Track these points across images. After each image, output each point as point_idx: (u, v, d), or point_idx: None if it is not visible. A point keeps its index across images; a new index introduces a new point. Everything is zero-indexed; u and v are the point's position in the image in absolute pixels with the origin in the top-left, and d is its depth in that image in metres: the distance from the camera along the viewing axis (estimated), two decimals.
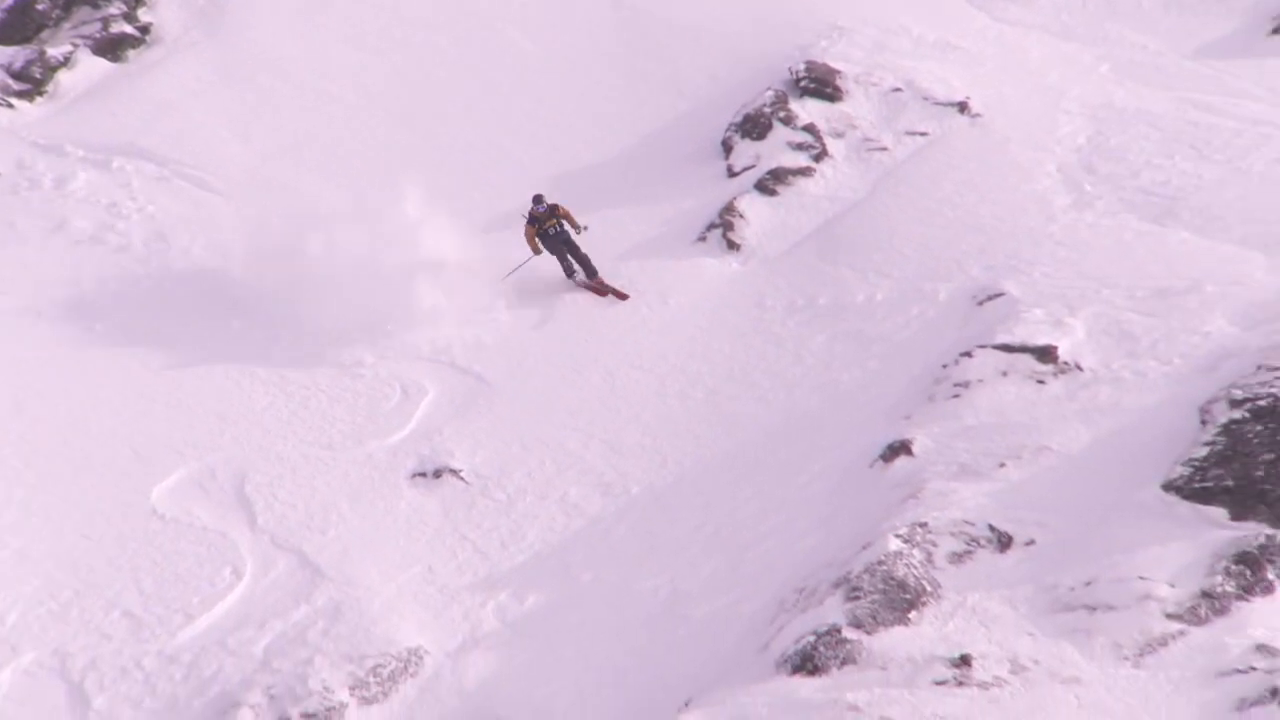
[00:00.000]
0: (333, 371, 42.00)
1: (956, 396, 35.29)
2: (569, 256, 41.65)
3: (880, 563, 28.46)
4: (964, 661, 25.70)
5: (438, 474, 37.19)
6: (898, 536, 29.28)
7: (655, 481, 36.17)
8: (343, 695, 29.97)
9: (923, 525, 29.73)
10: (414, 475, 37.45)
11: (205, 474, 37.52)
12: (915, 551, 28.91)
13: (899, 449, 33.65)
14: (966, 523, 29.70)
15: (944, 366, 36.85)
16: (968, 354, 36.78)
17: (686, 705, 26.74)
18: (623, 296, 40.11)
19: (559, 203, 41.72)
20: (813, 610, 28.13)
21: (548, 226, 40.95)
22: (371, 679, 30.39)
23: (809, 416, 37.48)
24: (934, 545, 29.18)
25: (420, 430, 39.45)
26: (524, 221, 41.86)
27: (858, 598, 27.76)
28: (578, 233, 41.74)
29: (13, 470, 36.42)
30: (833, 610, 27.68)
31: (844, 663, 26.37)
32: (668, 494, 35.53)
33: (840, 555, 29.83)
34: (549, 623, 31.63)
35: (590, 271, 41.10)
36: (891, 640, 26.72)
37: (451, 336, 43.37)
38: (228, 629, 31.98)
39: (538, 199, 40.60)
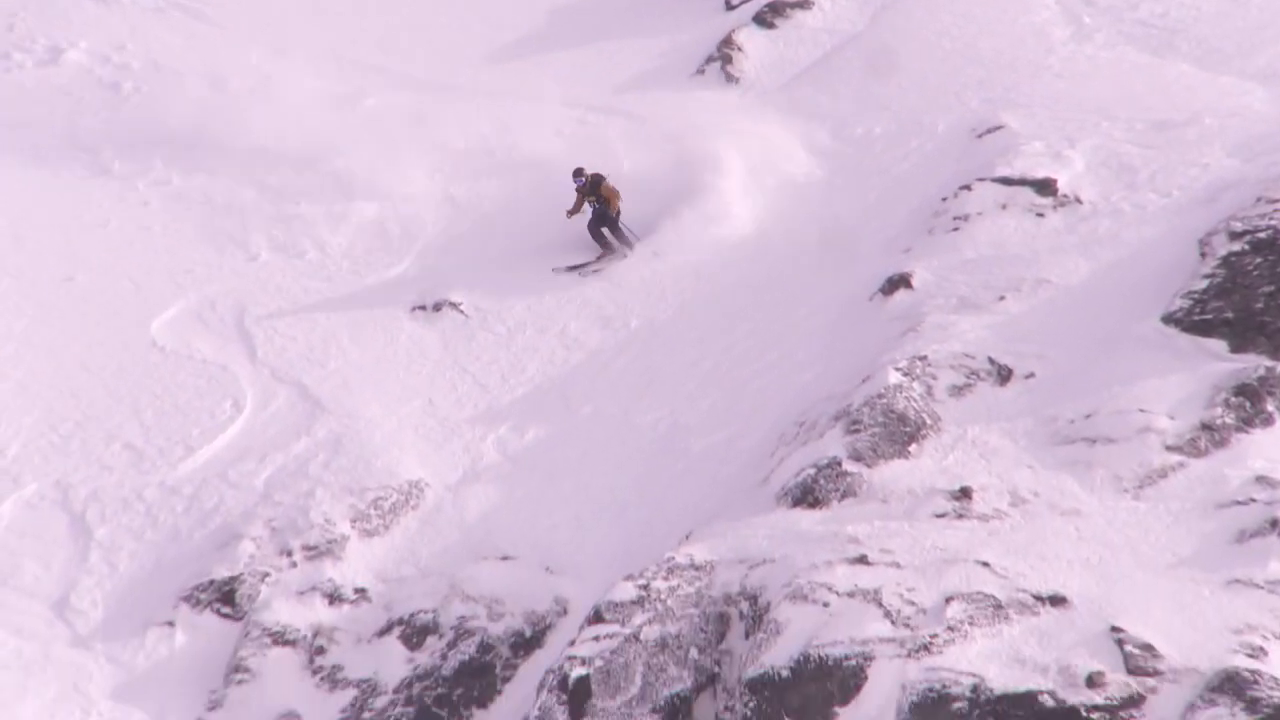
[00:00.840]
0: (330, 205, 41.75)
1: (956, 230, 35.20)
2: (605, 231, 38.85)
3: (880, 396, 28.54)
4: (964, 494, 25.82)
5: (437, 307, 37.17)
6: (897, 370, 29.35)
7: (655, 315, 36.19)
8: (344, 528, 30.08)
9: (922, 358, 29.79)
10: (414, 308, 37.44)
11: (205, 306, 37.51)
12: (915, 384, 28.97)
13: (898, 282, 33.65)
14: (966, 356, 29.73)
15: (943, 200, 36.75)
16: (966, 187, 36.67)
17: (687, 537, 26.81)
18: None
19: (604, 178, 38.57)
20: (813, 443, 28.24)
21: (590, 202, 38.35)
22: (372, 512, 30.49)
23: (807, 250, 37.31)
24: (934, 378, 29.25)
25: (419, 264, 39.34)
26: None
27: (858, 431, 27.85)
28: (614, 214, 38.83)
29: (13, 303, 36.36)
30: (833, 443, 27.77)
31: (844, 495, 26.56)
32: (667, 328, 35.55)
33: (840, 389, 29.92)
34: (549, 456, 31.72)
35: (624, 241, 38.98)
36: (892, 473, 26.86)
37: (449, 170, 43.24)
38: (228, 462, 32.06)
39: (577, 173, 38.26)
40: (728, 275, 37.25)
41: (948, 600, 22.55)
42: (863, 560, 23.68)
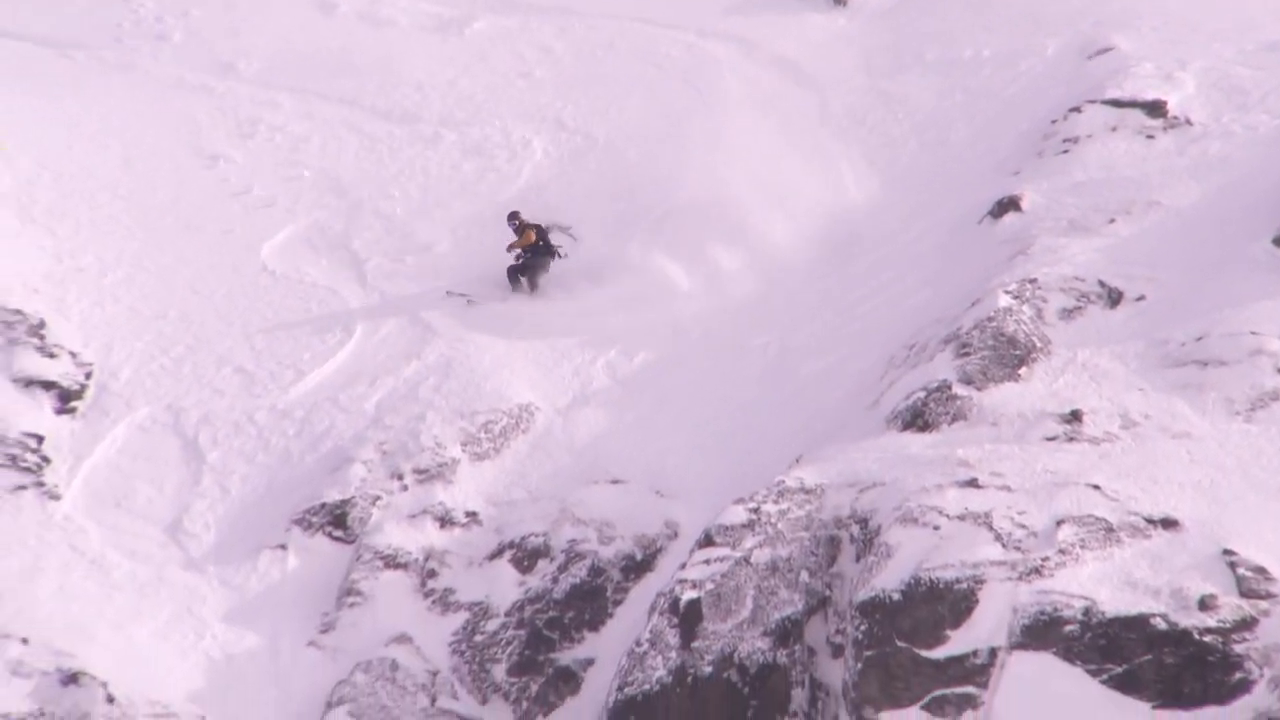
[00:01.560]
0: (435, 128, 41.75)
1: (1065, 152, 34.91)
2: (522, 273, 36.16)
3: (990, 319, 28.39)
4: (1075, 417, 25.69)
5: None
6: (1007, 292, 29.17)
7: (766, 238, 35.86)
8: (454, 451, 30.18)
9: (1032, 281, 29.60)
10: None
11: (314, 231, 37.58)
12: (1025, 307, 28.80)
13: (1008, 205, 33.42)
14: (1076, 279, 29.54)
15: (1053, 122, 36.46)
16: (1076, 109, 36.36)
17: (797, 461, 26.79)
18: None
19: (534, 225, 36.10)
20: (922, 367, 28.19)
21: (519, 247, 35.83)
22: (483, 435, 30.59)
23: (917, 174, 37.05)
24: (1044, 301, 29.06)
25: (528, 186, 39.29)
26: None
27: (967, 354, 27.74)
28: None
29: (123, 227, 36.59)
30: (943, 366, 27.68)
31: (954, 419, 26.48)
32: (777, 251, 35.27)
33: (949, 312, 29.81)
34: (659, 380, 31.74)
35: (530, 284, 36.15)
36: (1002, 396, 26.76)
37: (557, 94, 43.29)
38: (339, 385, 32.25)
39: (511, 216, 36.02)
40: (837, 200, 36.98)
41: (1059, 523, 22.54)
42: (973, 483, 23.69)
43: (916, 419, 26.74)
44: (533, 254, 35.16)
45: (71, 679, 24.25)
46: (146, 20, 47.28)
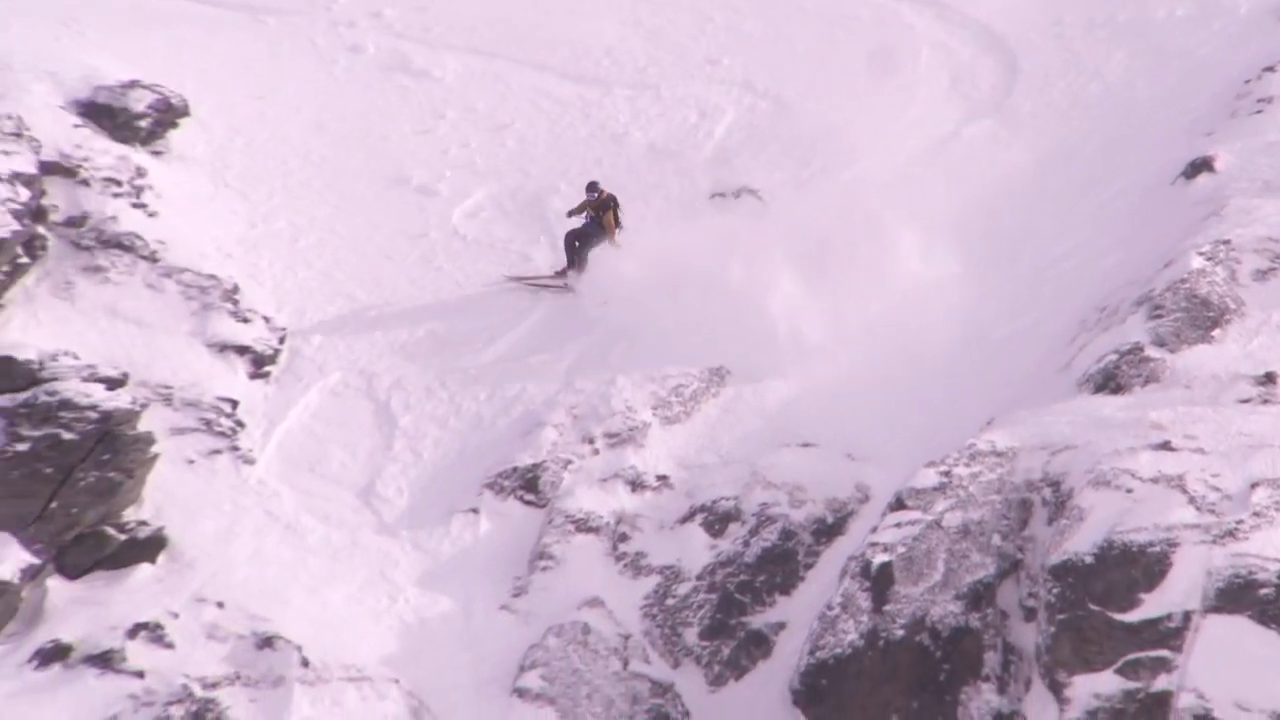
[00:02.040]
0: (628, 91, 41.62)
1: (1259, 112, 34.39)
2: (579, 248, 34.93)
3: (1183, 281, 28.02)
4: (1269, 379, 25.38)
5: (737, 194, 36.77)
6: (1200, 254, 28.80)
7: (953, 200, 35.38)
8: (645, 414, 30.20)
9: (1226, 242, 29.17)
10: (712, 195, 37.09)
11: (506, 195, 37.58)
12: (1218, 269, 28.43)
13: (1201, 166, 32.99)
14: (1271, 239, 29.12)
15: (1246, 82, 35.86)
16: (1270, 68, 35.87)
17: (989, 424, 26.64)
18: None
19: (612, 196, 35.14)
20: (1114, 329, 27.90)
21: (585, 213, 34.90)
22: (673, 398, 30.57)
23: (1108, 135, 36.50)
24: (1237, 262, 28.64)
25: (718, 151, 39.06)
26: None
27: (1160, 316, 27.41)
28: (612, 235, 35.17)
29: (316, 191, 36.81)
30: (1135, 328, 27.39)
31: (1147, 381, 26.21)
32: (968, 212, 34.76)
33: (1141, 274, 29.43)
34: (850, 343, 31.30)
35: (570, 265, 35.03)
36: (1195, 358, 26.46)
37: (744, 57, 42.94)
38: (530, 349, 32.40)
39: (591, 186, 34.96)
40: (1026, 157, 36.45)
41: (1253, 486, 22.28)
42: (1166, 446, 23.36)
43: (1109, 381, 26.50)
44: (595, 224, 34.41)
45: (266, 643, 24.52)
46: None
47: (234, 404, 30.03)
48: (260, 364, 31.17)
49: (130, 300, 30.79)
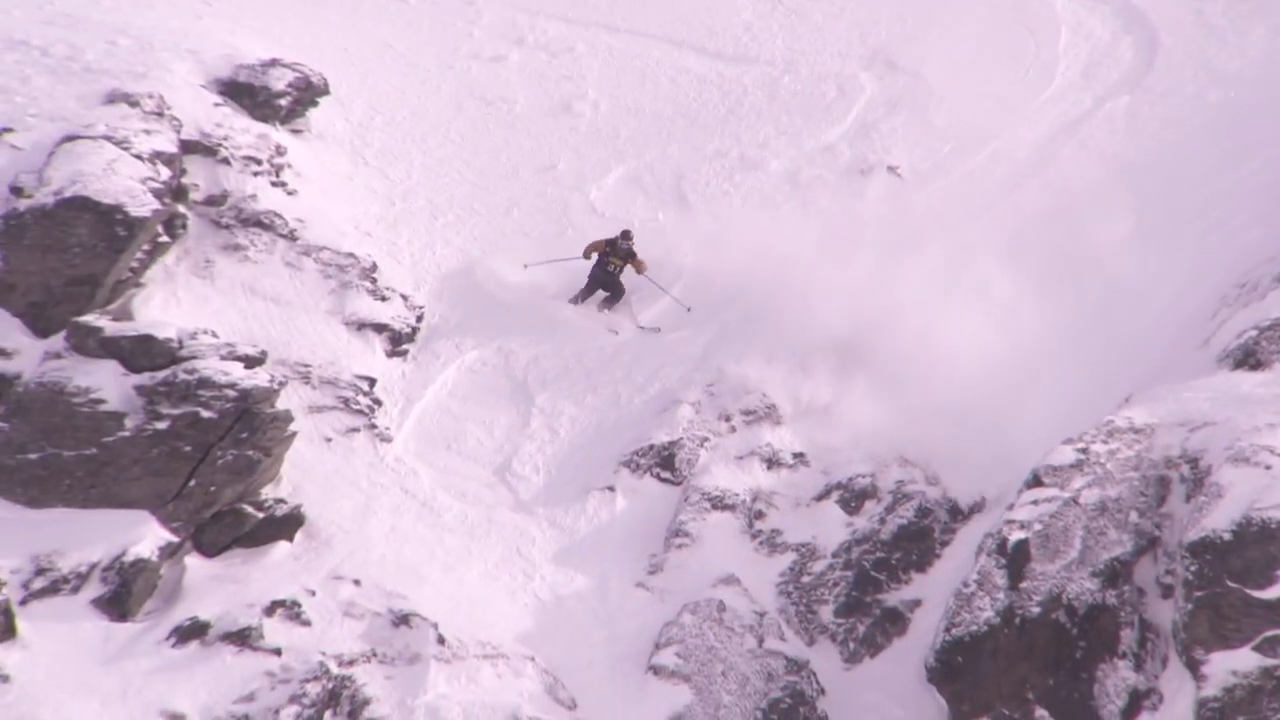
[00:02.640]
0: (764, 68, 41.37)
1: None
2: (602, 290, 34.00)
3: None
4: None
5: (875, 171, 36.53)
6: None
7: (1092, 176, 35.65)
8: (781, 393, 30.12)
9: None
10: (851, 172, 36.82)
11: (644, 170, 37.45)
12: None
13: None
14: None
15: None
16: None
17: (1126, 401, 26.49)
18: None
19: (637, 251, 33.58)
20: (1254, 305, 27.70)
21: (610, 264, 33.51)
22: (809, 377, 30.44)
23: (1251, 109, 35.83)
24: None
25: (856, 126, 38.76)
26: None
27: None
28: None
29: (454, 170, 36.81)
30: (1276, 304, 27.18)
31: None
32: (1105, 188, 34.83)
33: None
34: (987, 318, 30.98)
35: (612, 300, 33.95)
36: None
37: (886, 35, 42.63)
38: (667, 327, 32.46)
39: (625, 235, 33.49)
40: (1166, 133, 35.92)
41: None
42: None
43: (1248, 357, 26.26)
44: (617, 271, 33.35)
45: (403, 620, 24.60)
46: None
47: (371, 382, 30.17)
48: (398, 342, 31.27)
49: (269, 278, 30.98)
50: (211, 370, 25.79)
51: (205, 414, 25.37)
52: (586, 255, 33.01)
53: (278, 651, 23.44)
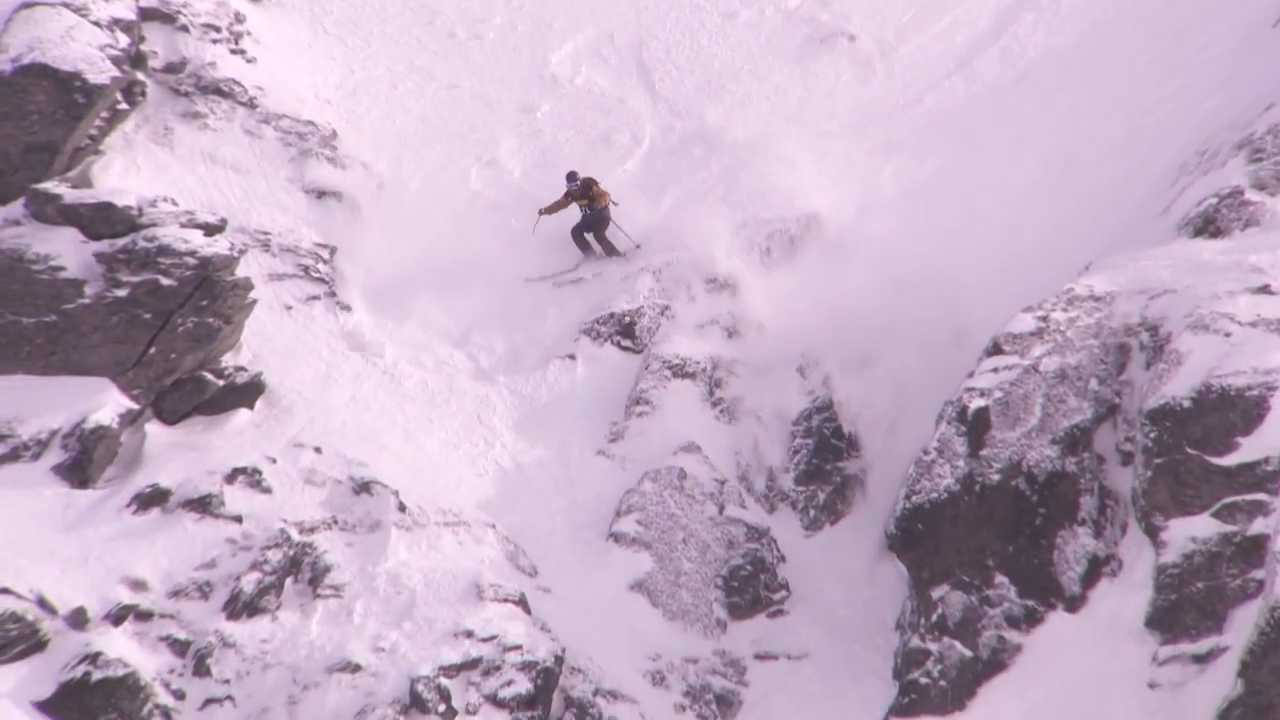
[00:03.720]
0: None
1: None
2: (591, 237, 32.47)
3: None
4: None
5: (829, 39, 36.28)
6: None
7: (1053, 45, 35.17)
8: (742, 261, 30.35)
9: None
10: (806, 39, 36.54)
11: (603, 39, 37.17)
12: None
13: None
14: None
15: None
16: None
17: (1086, 269, 26.45)
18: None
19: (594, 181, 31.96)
20: (1214, 173, 27.44)
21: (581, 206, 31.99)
22: (771, 245, 30.39)
23: None
24: None
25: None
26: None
27: (1260, 159, 26.89)
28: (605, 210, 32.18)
29: (414, 38, 36.51)
30: (1235, 172, 26.89)
31: (1246, 225, 25.77)
32: (1066, 57, 34.57)
33: (1242, 117, 28.89)
34: (947, 188, 31.15)
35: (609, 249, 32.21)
36: None
37: None
38: (627, 195, 32.15)
39: (570, 176, 31.92)
40: (1126, 2, 35.71)
41: None
42: (1265, 290, 23.28)
43: (1208, 225, 26.10)
44: (592, 211, 31.76)
45: (363, 488, 24.66)
46: None
47: (332, 250, 30.06)
48: (358, 210, 31.05)
49: (228, 146, 30.80)
50: (171, 238, 25.65)
51: (165, 281, 25.27)
52: (551, 212, 31.68)
53: (239, 519, 23.47)
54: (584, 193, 31.30)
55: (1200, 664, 21.25)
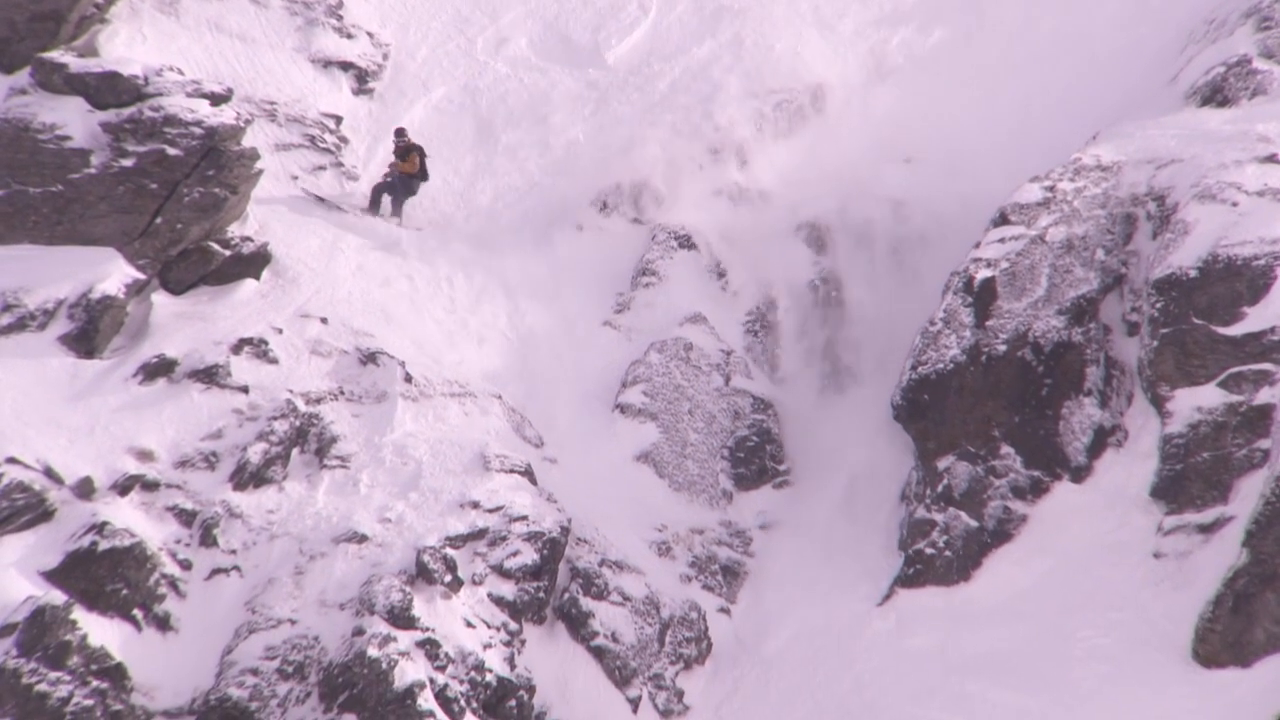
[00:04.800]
0: None
1: None
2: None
3: None
4: None
5: None
6: None
7: None
8: (748, 130, 30.21)
9: None
10: None
11: None
12: None
13: None
14: None
15: None
16: None
17: (1094, 138, 26.36)
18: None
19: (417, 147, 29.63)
20: (1222, 41, 27.37)
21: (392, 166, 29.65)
22: (776, 114, 30.40)
23: None
24: None
25: None
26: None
27: (1269, 27, 26.85)
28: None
29: None
30: (1243, 40, 26.86)
31: (1254, 94, 25.76)
32: None
33: None
34: (954, 59, 31.10)
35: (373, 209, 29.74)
36: None
37: None
38: (633, 66, 32.13)
39: (399, 132, 29.62)
40: None
41: None
42: (1273, 159, 23.21)
43: (1215, 94, 26.12)
44: (407, 176, 29.40)
45: (370, 358, 24.63)
46: None
47: (338, 120, 30.05)
48: (364, 80, 31.12)
49: (235, 15, 30.69)
50: (177, 107, 25.52)
51: (171, 151, 25.15)
52: (388, 178, 29.41)
53: (245, 389, 23.44)
54: (403, 155, 29.08)
55: (1205, 534, 21.37)
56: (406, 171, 28.96)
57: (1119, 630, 21.25)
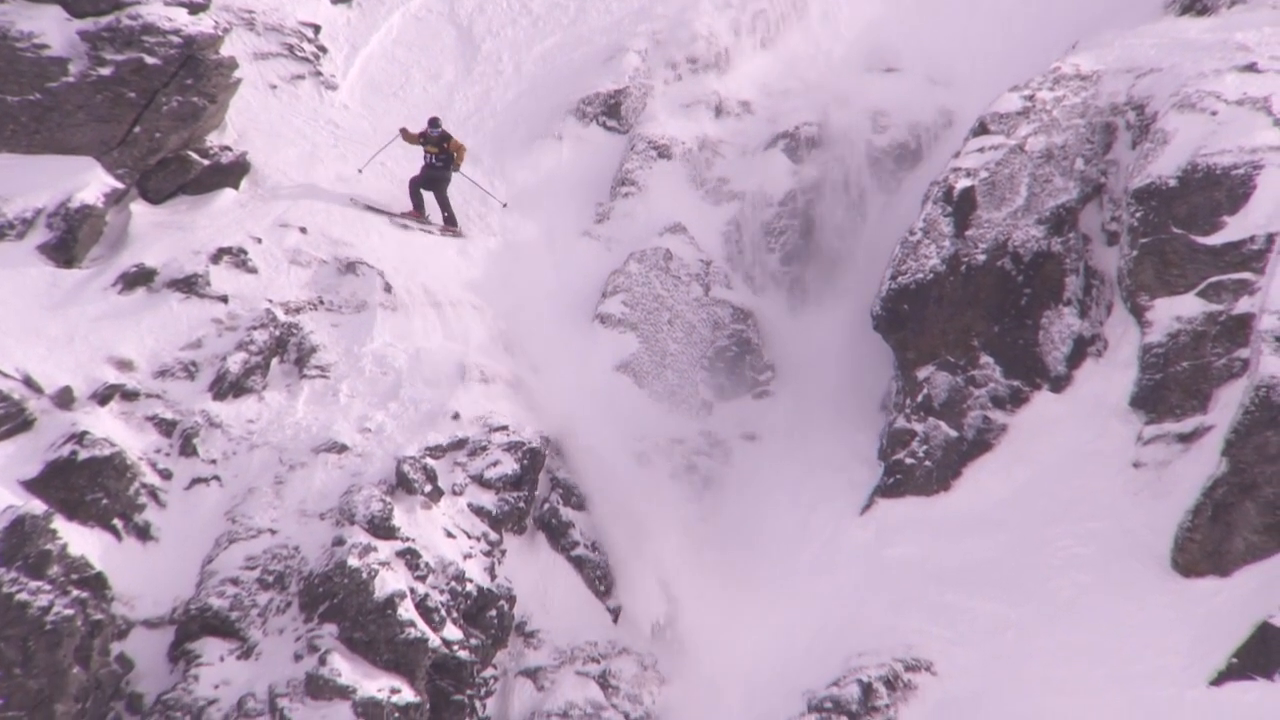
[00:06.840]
0: None
1: None
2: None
3: None
4: None
5: None
6: None
7: None
8: (728, 40, 30.03)
9: None
10: None
11: None
12: None
13: None
14: None
15: None
16: None
17: (1073, 47, 26.39)
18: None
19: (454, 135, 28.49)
20: None
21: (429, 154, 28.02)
22: (757, 24, 30.33)
23: None
24: None
25: None
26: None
27: None
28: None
29: None
30: None
31: (1234, 3, 25.66)
32: None
33: None
34: None
35: (448, 219, 28.20)
36: None
37: None
38: None
39: (433, 122, 27.89)
40: None
41: None
42: (1252, 68, 23.11)
43: (1195, 3, 26.11)
44: (443, 163, 27.75)
45: (349, 268, 24.65)
46: None
47: (316, 29, 29.92)
48: None
49: None
50: (155, 16, 25.44)
51: (149, 60, 25.11)
52: (405, 137, 27.86)
53: (224, 299, 23.46)
54: (439, 142, 27.44)
55: (1185, 443, 21.46)
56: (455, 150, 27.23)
57: (1098, 540, 21.32)
